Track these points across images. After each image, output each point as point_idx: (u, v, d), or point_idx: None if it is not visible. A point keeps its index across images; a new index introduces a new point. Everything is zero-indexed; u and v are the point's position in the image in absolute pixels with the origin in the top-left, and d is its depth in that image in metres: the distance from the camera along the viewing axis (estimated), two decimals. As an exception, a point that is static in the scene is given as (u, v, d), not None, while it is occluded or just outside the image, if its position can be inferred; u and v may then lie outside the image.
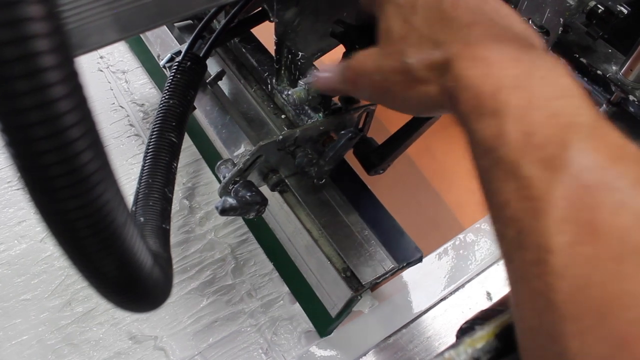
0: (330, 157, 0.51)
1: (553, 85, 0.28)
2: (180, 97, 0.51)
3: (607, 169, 0.24)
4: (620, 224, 0.22)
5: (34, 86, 0.18)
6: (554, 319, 0.23)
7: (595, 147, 0.24)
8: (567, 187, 0.24)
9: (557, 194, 0.24)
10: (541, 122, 0.26)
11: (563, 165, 0.24)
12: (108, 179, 0.22)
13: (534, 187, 0.25)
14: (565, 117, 0.26)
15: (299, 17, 0.53)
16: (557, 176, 0.24)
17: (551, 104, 0.27)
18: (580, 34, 0.74)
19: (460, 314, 0.64)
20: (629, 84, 0.67)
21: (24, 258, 0.68)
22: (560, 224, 0.23)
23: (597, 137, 0.25)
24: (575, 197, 0.23)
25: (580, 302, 0.22)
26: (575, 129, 0.25)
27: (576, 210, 0.23)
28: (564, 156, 0.24)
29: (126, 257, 0.25)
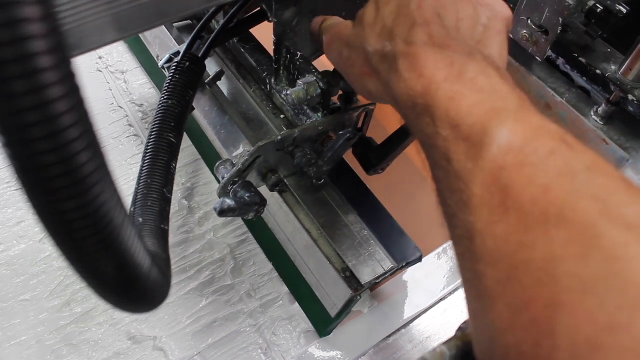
0: (328, 157, 0.51)
1: (481, 80, 0.29)
2: (179, 98, 0.51)
3: (522, 148, 0.25)
4: (528, 198, 0.23)
5: (31, 87, 0.18)
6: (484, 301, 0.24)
7: (513, 130, 0.25)
8: (485, 172, 0.25)
9: (477, 182, 0.25)
10: (466, 112, 0.27)
11: (483, 151, 0.25)
12: (106, 180, 0.22)
13: (461, 179, 0.26)
14: (489, 103, 0.27)
15: (297, 17, 0.53)
16: (477, 164, 0.26)
17: (477, 95, 0.28)
18: (579, 34, 0.73)
19: (460, 314, 0.64)
20: (628, 84, 0.67)
21: (23, 258, 0.68)
22: (478, 209, 0.25)
23: (518, 119, 0.26)
24: (491, 181, 0.25)
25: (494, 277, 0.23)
26: (497, 115, 0.26)
27: (491, 193, 0.24)
28: (484, 142, 0.26)
29: (124, 257, 0.25)
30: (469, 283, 0.26)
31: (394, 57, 0.33)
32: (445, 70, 0.30)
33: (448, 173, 0.27)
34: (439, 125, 0.28)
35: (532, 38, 0.68)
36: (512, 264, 0.23)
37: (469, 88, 0.28)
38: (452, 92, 0.28)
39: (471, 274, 0.25)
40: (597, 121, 0.73)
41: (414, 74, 0.31)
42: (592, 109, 0.74)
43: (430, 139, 0.29)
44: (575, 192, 0.22)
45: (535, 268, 0.22)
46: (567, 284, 0.20)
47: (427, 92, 0.29)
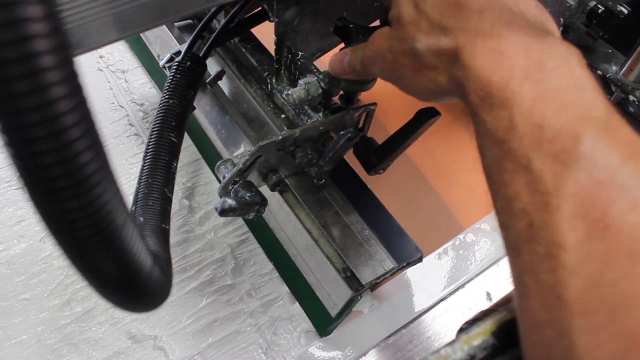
0: (329, 157, 0.51)
1: (565, 76, 0.27)
2: (180, 97, 0.51)
3: (620, 166, 0.23)
4: (632, 223, 0.22)
5: (33, 87, 0.18)
6: (563, 314, 0.23)
7: (607, 143, 0.24)
8: (579, 182, 0.23)
9: (569, 190, 0.24)
10: (552, 114, 0.25)
11: (575, 160, 0.24)
12: (107, 179, 0.22)
13: (545, 181, 0.24)
14: (577, 109, 0.25)
15: (299, 16, 0.53)
16: (568, 171, 0.24)
17: (563, 96, 0.26)
18: (580, 34, 0.74)
19: (460, 314, 0.64)
20: (629, 84, 0.67)
21: (23, 257, 0.68)
22: (572, 220, 0.23)
23: (610, 132, 0.24)
24: (587, 194, 0.23)
25: (591, 298, 0.22)
26: (588, 123, 0.25)
27: (588, 206, 0.23)
28: (576, 150, 0.24)
29: (125, 257, 0.25)
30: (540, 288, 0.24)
31: (455, 50, 0.31)
32: (523, 58, 0.28)
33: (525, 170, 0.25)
34: (518, 122, 0.26)
35: (533, 38, 0.68)
36: (617, 291, 0.22)
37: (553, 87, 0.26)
38: (536, 90, 0.26)
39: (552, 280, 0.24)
40: (597, 122, 0.73)
41: (488, 62, 0.29)
42: (592, 109, 0.74)
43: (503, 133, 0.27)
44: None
45: None
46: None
47: (507, 85, 0.27)
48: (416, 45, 0.34)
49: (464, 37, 0.31)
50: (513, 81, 0.27)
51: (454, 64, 0.31)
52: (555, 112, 0.25)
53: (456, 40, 0.31)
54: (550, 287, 0.24)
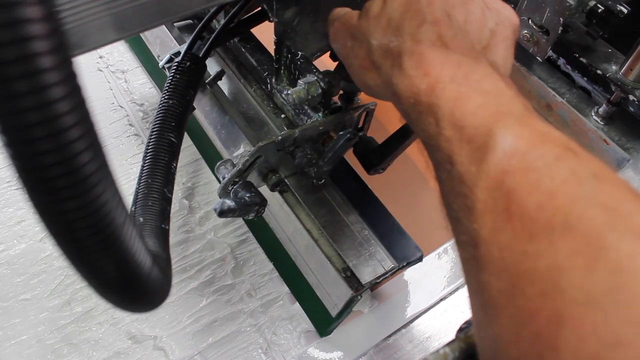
0: (329, 157, 0.51)
1: (487, 83, 0.29)
2: (180, 97, 0.51)
3: (527, 152, 0.24)
4: (533, 204, 0.22)
5: (32, 87, 0.18)
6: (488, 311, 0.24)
7: (518, 134, 0.25)
8: (490, 177, 0.24)
9: (481, 186, 0.25)
10: (471, 113, 0.27)
11: (487, 154, 0.25)
12: (107, 180, 0.22)
13: (465, 182, 0.26)
14: (493, 107, 0.27)
15: (298, 16, 0.53)
16: (481, 167, 0.25)
17: (482, 97, 0.27)
18: (580, 34, 0.74)
19: (460, 314, 0.64)
20: (629, 84, 0.67)
21: (23, 258, 0.68)
22: (483, 215, 0.24)
23: (523, 124, 0.26)
24: (495, 186, 0.24)
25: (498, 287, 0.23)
26: (502, 118, 0.26)
27: (495, 198, 0.24)
28: (488, 145, 0.25)
29: (125, 257, 0.25)
30: (474, 292, 0.25)
31: (398, 53, 0.33)
32: (451, 70, 0.30)
33: (451, 175, 0.27)
34: (442, 126, 0.28)
35: (533, 38, 0.68)
36: (516, 273, 0.22)
37: (474, 89, 0.28)
38: (458, 92, 0.28)
39: (476, 282, 0.25)
40: (597, 121, 0.73)
41: (419, 71, 0.30)
42: (592, 109, 0.74)
43: (433, 139, 0.28)
44: (582, 200, 0.22)
45: (539, 279, 0.21)
46: (571, 296, 0.20)
47: (432, 90, 0.29)
48: (371, 40, 0.35)
49: (407, 44, 0.32)
50: (438, 86, 0.29)
51: (394, 67, 0.33)
52: (474, 110, 0.27)
53: (401, 45, 0.33)
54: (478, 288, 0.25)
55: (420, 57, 0.31)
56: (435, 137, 0.28)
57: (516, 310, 0.22)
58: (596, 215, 0.21)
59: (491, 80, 0.29)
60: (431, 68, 0.30)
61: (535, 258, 0.21)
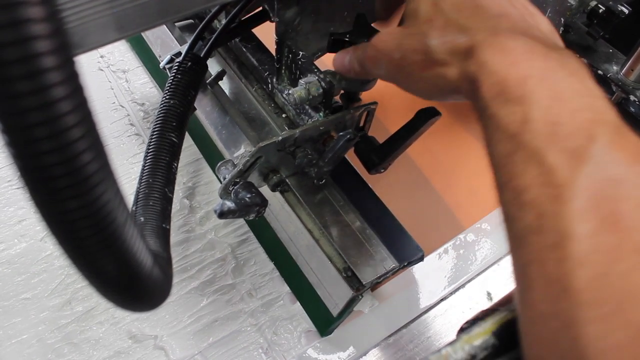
0: (329, 158, 0.51)
1: (579, 83, 0.28)
2: (181, 98, 0.51)
3: (629, 167, 0.24)
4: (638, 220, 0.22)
5: (34, 87, 0.18)
6: (570, 305, 0.23)
7: (619, 145, 0.25)
8: (591, 178, 0.24)
9: (581, 183, 0.24)
10: (568, 114, 0.26)
11: (588, 157, 0.25)
12: (108, 179, 0.22)
13: (558, 174, 0.25)
14: (591, 113, 0.26)
15: (299, 16, 0.53)
16: (581, 167, 0.24)
17: (577, 100, 0.27)
18: (581, 34, 0.73)
19: (461, 314, 0.64)
20: (630, 84, 0.67)
21: (24, 257, 0.68)
22: (582, 213, 0.24)
23: (620, 135, 0.26)
24: (598, 189, 0.24)
25: (599, 289, 0.22)
26: (601, 125, 0.26)
27: (599, 201, 0.24)
28: (590, 148, 0.25)
29: (126, 256, 0.25)
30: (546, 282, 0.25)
31: (471, 47, 0.32)
32: (541, 62, 0.29)
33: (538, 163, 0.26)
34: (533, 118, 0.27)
35: (534, 38, 0.68)
36: (627, 282, 0.22)
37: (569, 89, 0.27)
38: (553, 92, 0.27)
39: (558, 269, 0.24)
40: (598, 121, 0.73)
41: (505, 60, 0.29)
42: (593, 109, 0.74)
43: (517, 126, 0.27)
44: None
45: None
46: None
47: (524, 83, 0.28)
48: (430, 42, 0.34)
49: (481, 36, 0.31)
50: (530, 80, 0.28)
51: (468, 59, 0.32)
52: (571, 113, 0.26)
53: (473, 39, 0.32)
54: (558, 278, 0.24)
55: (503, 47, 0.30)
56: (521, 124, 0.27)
57: (628, 321, 0.22)
58: None
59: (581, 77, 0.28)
60: (519, 57, 0.29)
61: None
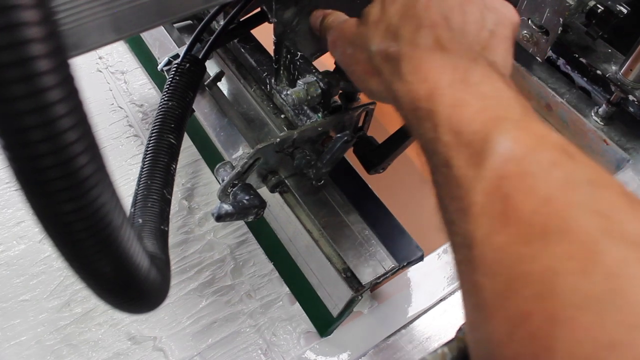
0: (326, 159, 0.51)
1: (486, 86, 0.29)
2: (180, 99, 0.51)
3: (524, 157, 0.24)
4: (529, 208, 0.23)
5: (29, 90, 0.18)
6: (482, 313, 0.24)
7: (516, 138, 0.25)
8: (486, 181, 0.25)
9: (478, 190, 0.25)
10: (469, 118, 0.27)
11: (484, 159, 0.25)
12: (104, 182, 0.22)
13: (462, 186, 0.26)
14: (492, 111, 0.27)
15: (297, 17, 0.53)
16: (478, 172, 0.25)
17: (480, 102, 0.28)
18: (579, 34, 0.73)
19: (460, 314, 0.64)
20: (629, 84, 0.67)
21: (22, 259, 0.68)
22: (478, 219, 0.24)
23: (521, 128, 0.26)
24: (492, 190, 0.24)
25: (492, 288, 0.23)
26: (500, 122, 0.26)
27: (492, 202, 0.24)
28: (486, 149, 0.25)
29: (122, 258, 0.25)
30: (467, 293, 0.26)
31: (397, 58, 0.33)
32: (449, 74, 0.30)
33: (448, 179, 0.27)
34: (440, 131, 0.28)
35: (533, 38, 0.68)
36: (511, 275, 0.22)
37: (472, 94, 0.28)
38: (456, 98, 0.28)
39: (470, 284, 0.25)
40: (597, 122, 0.73)
41: (417, 77, 0.31)
42: (592, 109, 0.74)
43: (431, 143, 0.29)
44: (577, 205, 0.22)
45: (534, 281, 0.21)
46: (566, 299, 0.20)
47: (431, 97, 0.29)
48: (371, 46, 0.36)
49: (407, 48, 0.33)
50: (436, 92, 0.29)
51: (394, 75, 0.33)
52: (472, 116, 0.27)
53: (400, 50, 0.33)
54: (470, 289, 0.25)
55: (419, 62, 0.31)
56: (433, 141, 0.28)
57: (511, 311, 0.22)
58: (591, 221, 0.21)
59: (490, 82, 0.29)
60: (429, 73, 0.30)
61: (530, 261, 0.22)
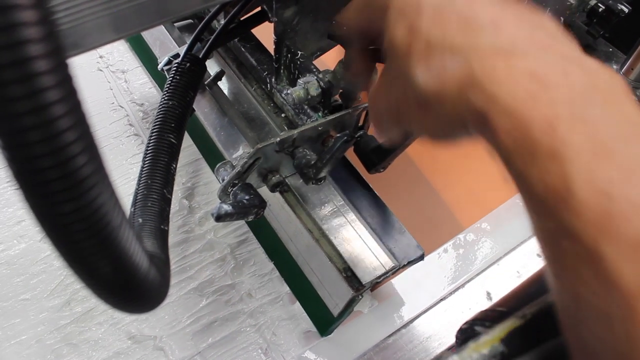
0: (326, 159, 0.51)
1: (617, 115, 0.21)
2: (180, 98, 0.51)
3: None
4: None
5: (27, 91, 0.18)
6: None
7: None
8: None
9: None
10: (620, 180, 0.19)
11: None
12: (103, 182, 0.22)
13: (623, 286, 0.19)
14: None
15: (298, 16, 0.53)
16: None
17: (626, 150, 0.20)
18: (581, 33, 0.73)
19: (460, 314, 0.64)
20: (630, 83, 0.67)
21: (23, 258, 0.68)
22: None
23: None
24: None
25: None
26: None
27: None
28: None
29: (121, 259, 0.25)
30: None
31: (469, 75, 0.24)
32: (564, 87, 0.21)
33: (595, 268, 0.19)
34: (576, 186, 0.20)
35: (534, 37, 0.68)
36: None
37: (609, 133, 0.20)
38: (592, 141, 0.20)
39: None
40: (598, 121, 0.73)
41: (520, 92, 0.22)
42: (593, 108, 0.74)
43: (557, 200, 0.20)
44: None
45: None
46: None
47: (553, 128, 0.21)
48: (416, 80, 0.26)
49: (478, 58, 0.24)
50: (559, 122, 0.21)
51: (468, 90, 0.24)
52: (623, 175, 0.19)
53: (468, 63, 0.24)
54: None
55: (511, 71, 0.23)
56: (562, 198, 0.20)
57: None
58: None
59: (617, 102, 0.21)
60: (533, 84, 0.22)
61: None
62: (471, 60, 0.24)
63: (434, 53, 0.25)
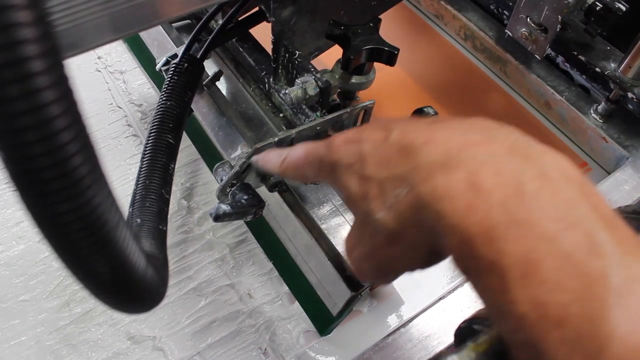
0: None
1: (554, 203, 0.21)
2: (178, 99, 0.51)
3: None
4: None
5: (23, 91, 0.18)
6: None
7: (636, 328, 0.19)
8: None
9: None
10: (556, 283, 0.20)
11: None
12: (100, 182, 0.22)
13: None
14: (583, 266, 0.20)
15: (296, 15, 0.53)
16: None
17: (560, 245, 0.20)
18: (578, 31, 0.73)
19: (459, 313, 0.64)
20: (628, 81, 0.67)
21: (22, 259, 0.68)
22: None
23: (633, 304, 0.19)
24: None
25: None
26: (603, 294, 0.19)
27: None
28: (603, 355, 0.19)
29: (119, 259, 0.25)
30: None
31: (416, 199, 0.24)
32: (499, 187, 0.22)
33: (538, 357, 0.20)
34: (517, 299, 0.20)
35: (532, 36, 0.68)
36: None
37: (544, 228, 0.20)
38: (526, 245, 0.20)
39: None
40: (596, 119, 0.73)
41: (458, 203, 0.22)
42: (591, 107, 0.74)
43: (502, 310, 0.21)
44: None
45: None
46: None
47: (490, 239, 0.21)
48: (377, 217, 0.27)
49: (420, 179, 0.24)
50: (495, 231, 0.21)
51: (422, 213, 0.24)
52: (558, 278, 0.20)
53: (413, 186, 0.25)
54: None
55: (445, 183, 0.23)
56: (505, 311, 0.21)
57: None
58: None
59: (551, 186, 0.21)
60: (469, 191, 0.22)
61: None
62: (415, 183, 0.25)
63: (386, 190, 0.27)
